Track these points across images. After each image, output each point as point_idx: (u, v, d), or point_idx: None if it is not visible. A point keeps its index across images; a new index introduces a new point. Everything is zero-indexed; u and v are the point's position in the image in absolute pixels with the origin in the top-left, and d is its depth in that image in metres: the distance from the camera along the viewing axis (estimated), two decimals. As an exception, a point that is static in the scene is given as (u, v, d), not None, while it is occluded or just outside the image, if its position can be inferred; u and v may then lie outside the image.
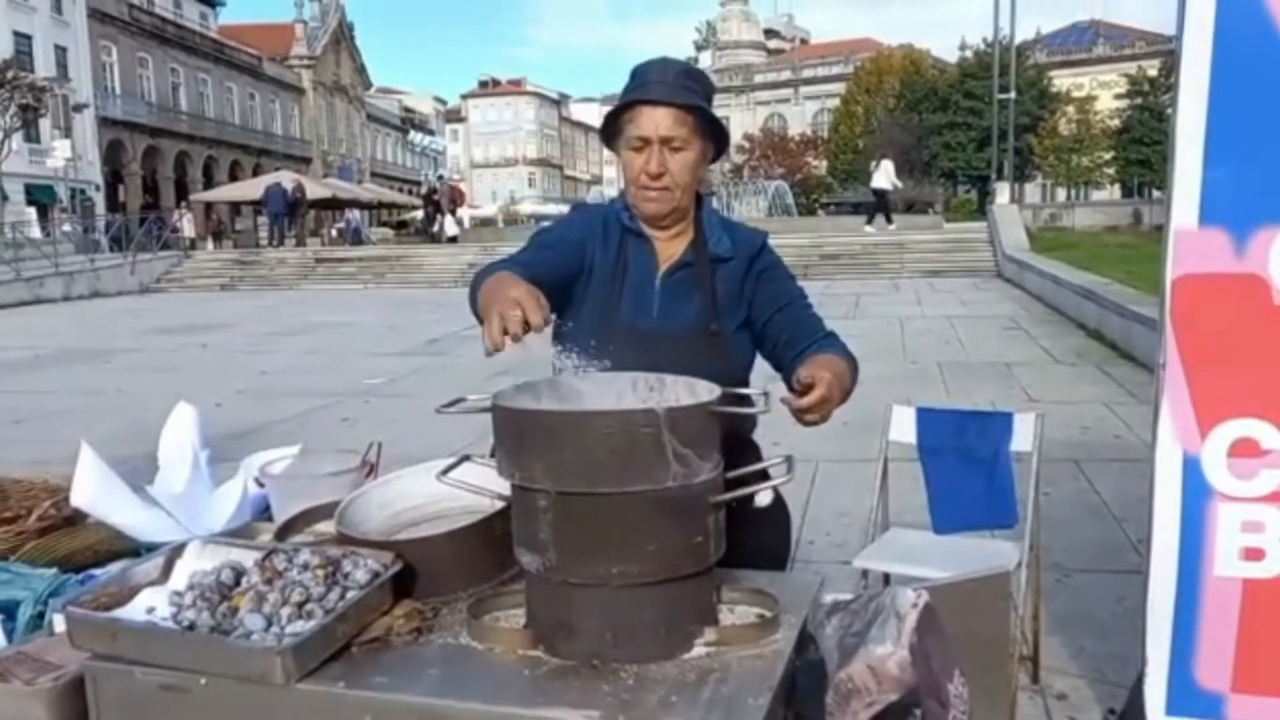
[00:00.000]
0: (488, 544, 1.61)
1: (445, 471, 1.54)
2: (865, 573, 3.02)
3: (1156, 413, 2.42)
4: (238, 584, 1.54)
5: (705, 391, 1.50)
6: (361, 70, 68.49)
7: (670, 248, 2.01)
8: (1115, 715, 2.81)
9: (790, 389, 1.77)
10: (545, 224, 2.15)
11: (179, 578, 1.60)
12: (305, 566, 1.53)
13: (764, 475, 1.57)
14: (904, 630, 1.53)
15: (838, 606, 1.57)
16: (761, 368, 2.03)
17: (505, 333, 1.43)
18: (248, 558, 1.60)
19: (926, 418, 3.12)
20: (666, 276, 1.98)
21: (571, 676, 1.35)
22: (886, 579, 3.15)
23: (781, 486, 1.48)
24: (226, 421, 7.13)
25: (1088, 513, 4.68)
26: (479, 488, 1.55)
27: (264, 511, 1.93)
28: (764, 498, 1.80)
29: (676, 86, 1.89)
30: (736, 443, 1.70)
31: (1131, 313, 9.05)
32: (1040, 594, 3.09)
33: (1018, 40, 31.14)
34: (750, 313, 1.99)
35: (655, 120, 1.88)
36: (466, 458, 1.60)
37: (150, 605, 1.54)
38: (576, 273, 1.97)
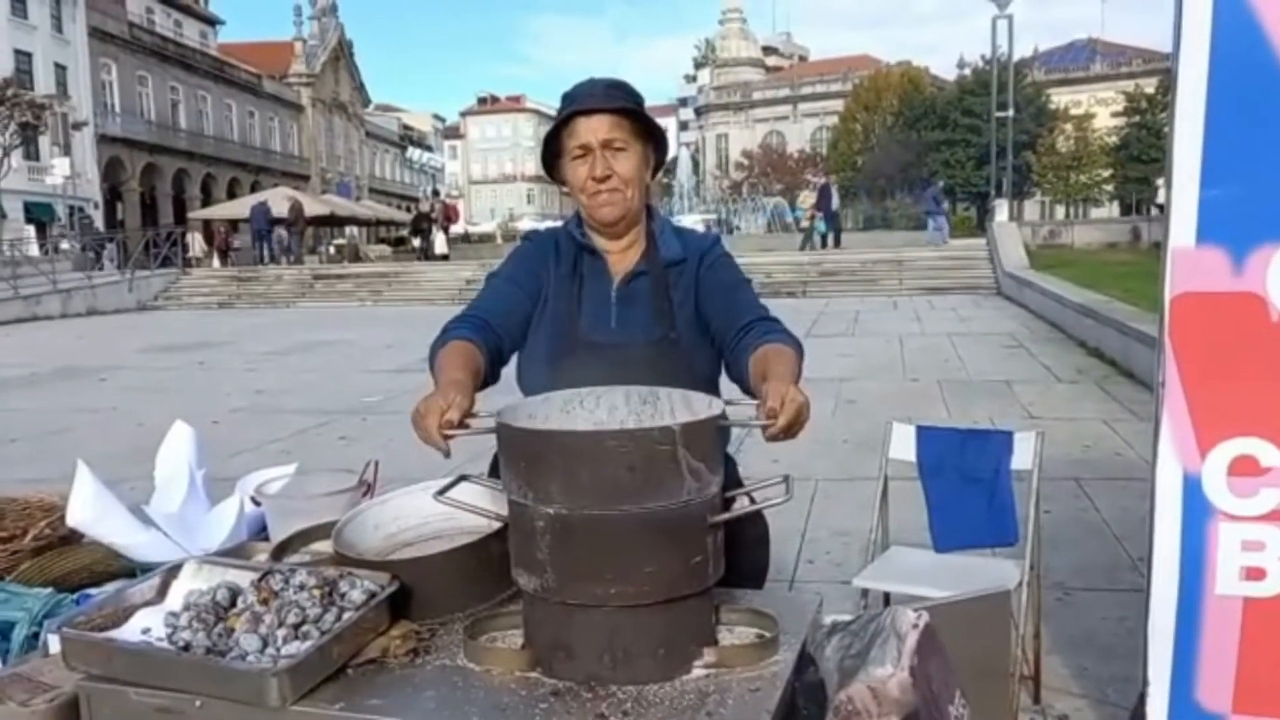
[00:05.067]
0: (485, 564, 1.60)
1: (442, 491, 1.53)
2: (865, 592, 3.00)
3: (1157, 431, 2.41)
4: (233, 604, 1.53)
5: (701, 404, 1.50)
6: (360, 88, 68.72)
7: (624, 260, 2.03)
8: (1117, 736, 2.79)
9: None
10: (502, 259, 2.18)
11: (174, 598, 1.59)
12: (301, 587, 1.52)
13: (749, 496, 1.58)
14: (904, 651, 1.52)
15: (837, 627, 1.56)
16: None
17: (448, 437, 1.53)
18: (244, 578, 1.59)
19: (927, 436, 3.11)
20: (622, 287, 2.01)
21: (569, 699, 1.34)
22: (887, 598, 3.14)
23: (780, 506, 1.47)
24: (223, 440, 7.11)
25: (1089, 531, 4.66)
26: (476, 508, 1.54)
27: (260, 531, 1.92)
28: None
29: (606, 96, 1.95)
30: None
31: (1131, 330, 9.05)
32: (1041, 613, 3.08)
33: (1015, 58, 31.22)
34: (698, 301, 2.00)
35: (592, 127, 1.92)
36: (464, 477, 1.59)
37: (146, 626, 1.53)
38: (534, 300, 2.01)
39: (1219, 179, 2.29)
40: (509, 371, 2.02)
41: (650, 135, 2.00)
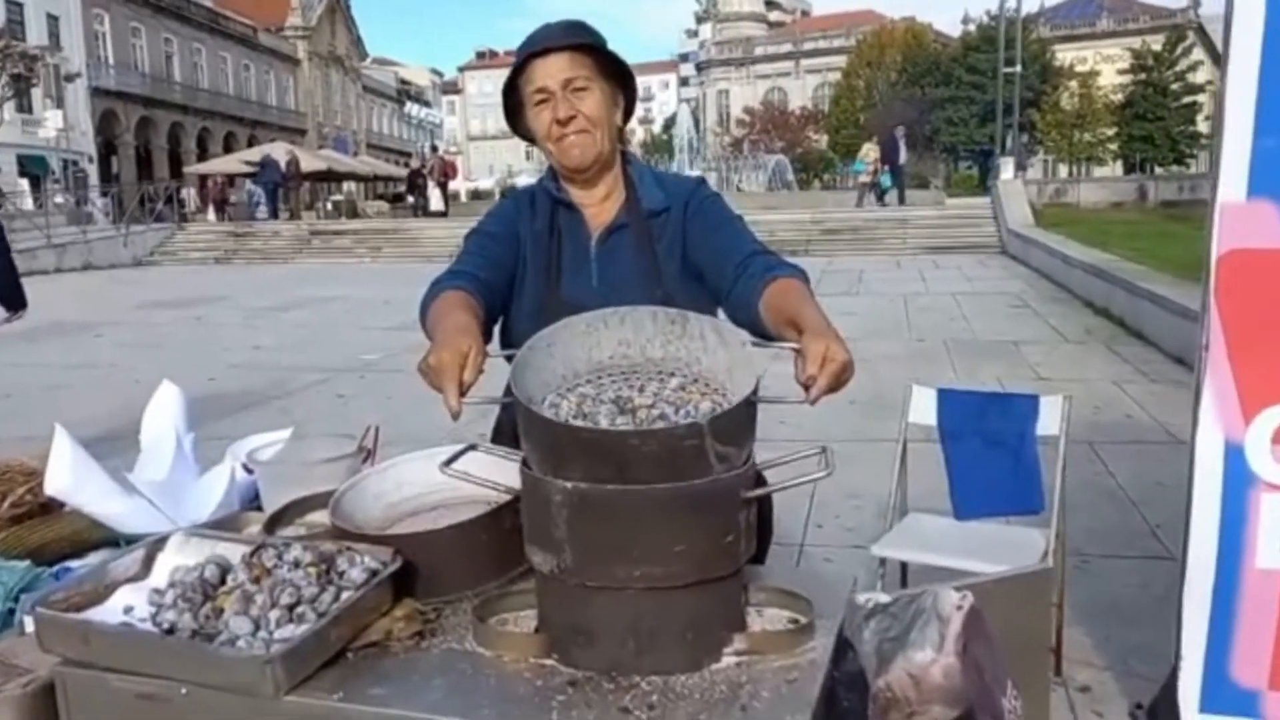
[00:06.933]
0: (495, 538, 1.48)
1: (449, 462, 1.40)
2: (883, 561, 2.90)
3: (1197, 397, 2.30)
4: (223, 582, 1.42)
5: (733, 337, 1.38)
6: (357, 41, 67.86)
7: (602, 212, 1.90)
8: (1143, 710, 2.71)
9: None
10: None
11: (159, 574, 1.48)
12: (296, 564, 1.41)
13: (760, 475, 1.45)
14: (948, 635, 1.41)
15: (876, 609, 1.45)
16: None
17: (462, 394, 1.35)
18: (234, 552, 1.48)
19: (948, 399, 3.00)
20: (602, 243, 1.88)
21: (589, 689, 1.23)
22: (904, 568, 3.04)
23: (819, 480, 1.34)
24: (220, 397, 7.01)
25: (1105, 496, 4.56)
26: (486, 481, 1.41)
27: (253, 500, 1.80)
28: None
29: (562, 35, 1.82)
30: None
31: (1141, 290, 8.93)
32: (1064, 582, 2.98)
33: (1015, 13, 30.57)
34: (686, 249, 1.86)
35: (550, 69, 1.79)
36: (472, 446, 1.47)
37: (128, 604, 1.42)
38: (515, 257, 1.88)
39: (1274, 129, 2.15)
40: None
41: (616, 75, 1.85)
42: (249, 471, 1.78)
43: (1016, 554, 2.77)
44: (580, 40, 1.79)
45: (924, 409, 3.02)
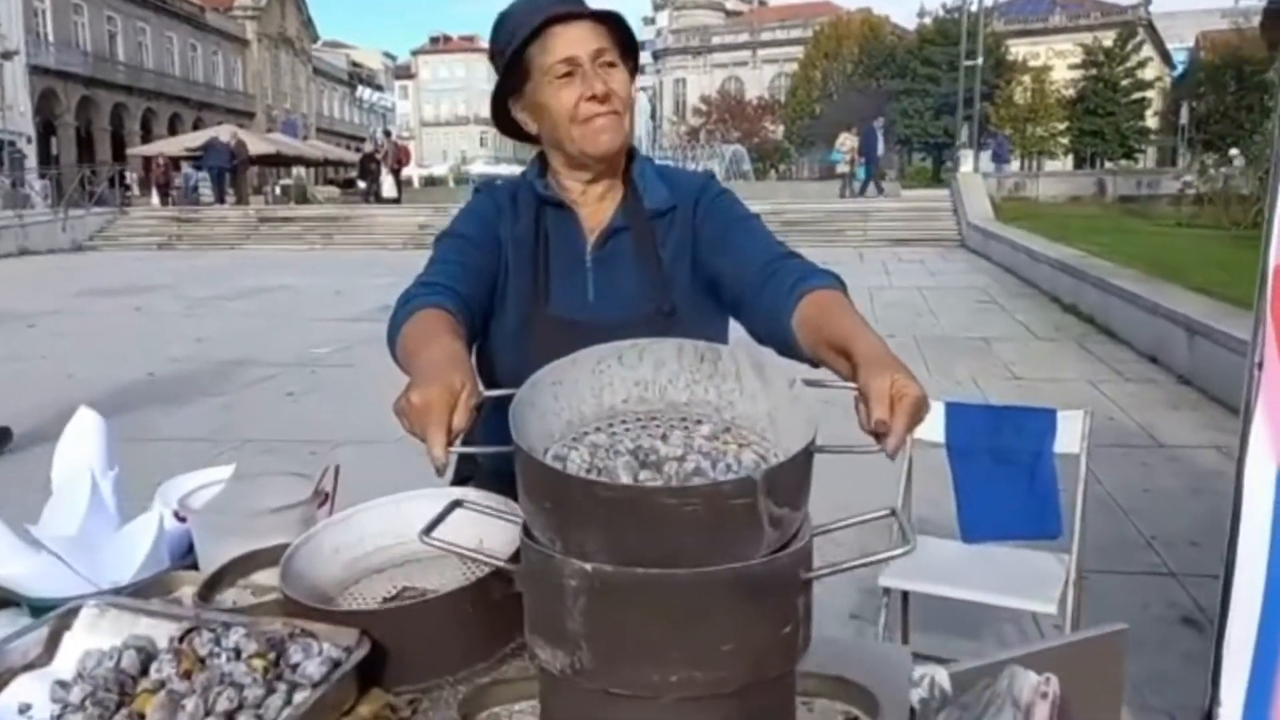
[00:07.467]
0: (482, 610, 1.23)
1: (429, 530, 1.12)
2: (887, 590, 2.68)
3: (1246, 421, 2.10)
4: (145, 672, 1.14)
5: (778, 377, 1.12)
6: (308, 23, 66.51)
7: (597, 214, 1.63)
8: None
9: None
10: (459, 209, 1.73)
11: (66, 659, 1.20)
12: (237, 652, 1.13)
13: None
14: (1032, 729, 1.18)
15: (946, 700, 1.21)
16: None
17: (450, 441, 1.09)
18: (160, 632, 1.20)
19: (956, 413, 2.77)
20: (598, 249, 1.61)
21: (611, 824, 0.97)
22: (905, 598, 2.83)
23: (896, 559, 1.10)
24: (159, 395, 6.61)
25: (1095, 505, 4.33)
26: (479, 554, 1.14)
27: (186, 554, 1.51)
28: None
29: (578, 1, 1.54)
30: None
31: (1112, 287, 8.85)
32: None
33: (976, 7, 30.64)
34: (697, 253, 1.61)
35: (576, 37, 1.51)
36: (457, 503, 1.20)
37: (24, 701, 1.14)
38: (497, 264, 1.60)
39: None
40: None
41: (628, 54, 1.59)
42: (181, 519, 1.49)
43: (1032, 584, 2.57)
44: (604, 9, 1.52)
45: (930, 425, 2.79)
